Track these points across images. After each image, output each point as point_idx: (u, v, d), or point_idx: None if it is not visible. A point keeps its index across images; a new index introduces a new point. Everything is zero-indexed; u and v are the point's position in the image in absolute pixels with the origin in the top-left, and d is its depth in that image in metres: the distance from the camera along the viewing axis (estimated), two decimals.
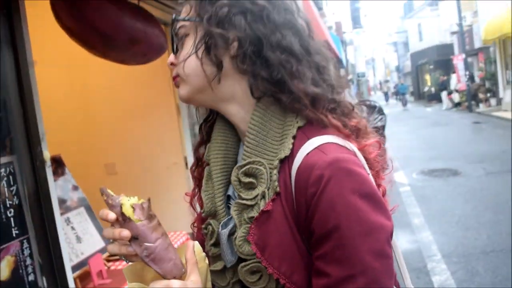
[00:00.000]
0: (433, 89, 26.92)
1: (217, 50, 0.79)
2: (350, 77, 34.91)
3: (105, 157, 3.73)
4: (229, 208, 0.84)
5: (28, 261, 1.78)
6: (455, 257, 4.19)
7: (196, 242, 0.85)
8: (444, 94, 22.53)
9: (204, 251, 0.85)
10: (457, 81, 20.15)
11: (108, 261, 2.60)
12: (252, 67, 0.78)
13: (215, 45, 0.78)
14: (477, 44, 18.55)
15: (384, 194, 0.88)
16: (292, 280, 0.74)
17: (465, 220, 5.16)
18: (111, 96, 3.59)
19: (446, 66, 24.84)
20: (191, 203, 0.96)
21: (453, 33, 22.68)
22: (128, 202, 0.75)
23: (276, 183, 0.75)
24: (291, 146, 0.76)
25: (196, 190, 0.95)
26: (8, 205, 1.72)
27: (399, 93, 29.59)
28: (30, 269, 1.79)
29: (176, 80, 0.85)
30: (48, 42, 2.73)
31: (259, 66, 0.78)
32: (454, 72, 21.92)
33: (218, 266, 0.84)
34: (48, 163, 1.95)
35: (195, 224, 0.96)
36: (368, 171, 0.78)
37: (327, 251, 0.70)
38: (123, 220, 0.74)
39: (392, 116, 20.55)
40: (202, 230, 0.89)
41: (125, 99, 3.61)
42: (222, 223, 0.82)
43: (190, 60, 0.81)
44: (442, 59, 26.25)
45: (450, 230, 4.94)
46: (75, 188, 2.84)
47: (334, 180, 0.70)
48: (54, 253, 1.86)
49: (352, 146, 0.78)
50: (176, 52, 0.85)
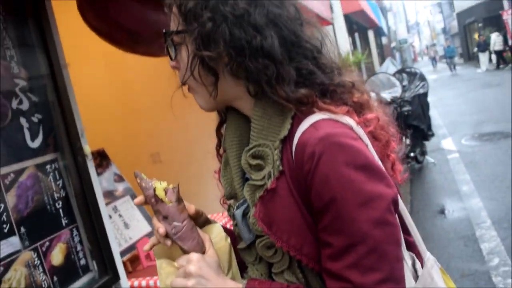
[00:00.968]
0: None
1: (210, 63, 0.82)
2: (393, 45, 33.71)
3: (150, 147, 3.90)
4: None
5: (79, 247, 1.94)
6: (506, 223, 4.05)
7: (218, 224, 0.94)
8: (483, 55, 21.21)
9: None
10: (510, 38, 18.92)
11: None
12: (244, 72, 0.81)
13: (210, 60, 0.82)
14: None
15: (394, 164, 0.90)
16: (303, 252, 0.78)
17: None
18: (151, 88, 3.72)
19: (497, 23, 23.32)
20: (219, 180, 1.01)
21: None
22: (160, 186, 0.86)
23: (278, 162, 0.80)
24: (289, 126, 0.81)
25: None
26: (56, 198, 1.88)
27: (447, 57, 27.51)
28: (81, 254, 1.95)
29: (190, 90, 0.91)
30: (83, 42, 2.88)
31: (247, 71, 0.80)
32: (497, 30, 20.62)
33: (243, 245, 0.90)
34: (90, 157, 2.10)
35: (222, 201, 1.03)
36: (367, 143, 0.80)
37: (327, 223, 0.74)
38: (156, 202, 0.85)
39: (440, 82, 19.74)
40: (227, 213, 0.96)
41: (164, 89, 3.72)
42: (237, 204, 0.89)
43: (194, 75, 0.85)
44: (492, 16, 24.67)
45: (501, 196, 4.77)
46: (121, 179, 3.01)
47: (326, 155, 0.73)
48: (102, 239, 2.02)
49: (349, 120, 0.80)
50: (176, 57, 0.89)
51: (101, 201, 2.08)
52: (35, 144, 1.83)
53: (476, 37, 24.19)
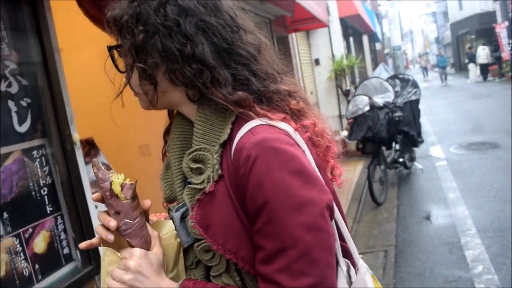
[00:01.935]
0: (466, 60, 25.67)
1: (148, 72, 0.84)
2: (387, 51, 33.93)
3: (139, 139, 3.86)
4: None
5: (63, 236, 1.91)
6: (491, 232, 4.09)
7: (170, 221, 0.93)
8: (472, 66, 21.49)
9: None
10: (501, 50, 19.17)
11: None
12: (181, 79, 0.83)
13: (144, 71, 0.84)
14: None
15: (334, 169, 0.93)
16: (238, 256, 0.79)
17: (503, 194, 5.00)
18: None
19: (489, 35, 23.55)
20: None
21: (496, 0, 21.47)
22: (118, 181, 0.84)
23: (217, 166, 0.81)
24: (229, 131, 0.82)
25: None
26: (42, 184, 1.85)
27: (438, 67, 26.34)
28: (65, 243, 1.92)
29: (136, 96, 0.93)
30: (78, 29, 2.83)
31: (186, 77, 0.82)
32: (484, 44, 20.90)
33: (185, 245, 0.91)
34: (78, 145, 2.07)
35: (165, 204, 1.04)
36: (304, 148, 0.81)
37: (260, 227, 0.75)
38: (110, 196, 0.83)
39: (431, 90, 19.91)
40: (168, 215, 0.96)
41: None
42: (176, 207, 0.89)
43: (133, 81, 0.88)
44: (485, 28, 24.93)
45: (487, 205, 4.82)
46: (109, 169, 2.96)
47: (261, 159, 0.74)
48: (87, 228, 1.99)
49: (286, 126, 0.81)
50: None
51: (88, 190, 2.05)
52: (23, 129, 1.79)
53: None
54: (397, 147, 6.26)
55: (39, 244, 1.78)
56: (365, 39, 18.18)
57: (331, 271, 0.77)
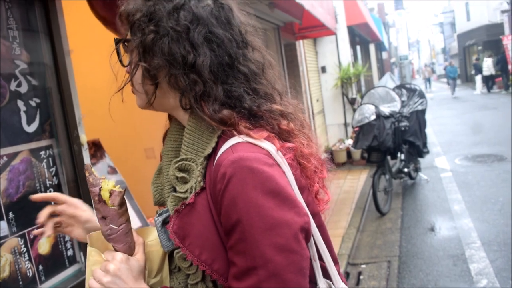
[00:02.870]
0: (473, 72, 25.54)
1: (151, 72, 0.85)
2: (393, 60, 33.92)
3: (145, 142, 3.86)
4: None
5: (67, 238, 1.90)
6: (496, 245, 4.06)
7: (155, 228, 0.94)
8: (478, 78, 21.46)
9: None
10: (508, 63, 19.13)
11: None
12: (178, 86, 0.84)
13: (149, 70, 0.85)
14: None
15: (317, 193, 0.94)
16: (213, 268, 0.80)
17: (508, 208, 4.96)
18: None
19: (496, 47, 23.58)
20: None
21: (504, 12, 21.43)
22: (107, 187, 0.86)
23: (200, 178, 0.82)
24: (214, 145, 0.84)
25: None
26: (48, 185, 1.84)
27: (449, 77, 24.40)
28: (69, 245, 1.91)
29: (133, 92, 0.94)
30: (87, 31, 2.84)
31: (183, 84, 0.84)
32: (490, 56, 20.85)
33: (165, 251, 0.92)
34: (85, 146, 2.06)
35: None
36: (285, 169, 0.81)
37: (233, 244, 0.77)
38: (98, 201, 0.86)
39: (437, 101, 19.84)
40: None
41: None
42: (161, 212, 0.90)
43: (135, 78, 0.89)
44: (492, 40, 24.93)
45: (492, 218, 4.78)
46: (114, 171, 2.96)
47: (236, 178, 0.75)
48: None
49: (268, 146, 0.81)
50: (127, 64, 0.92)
51: None
52: (31, 129, 1.79)
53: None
54: (402, 157, 6.24)
55: (44, 245, 1.78)
56: (372, 48, 18.17)
57: None
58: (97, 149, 2.92)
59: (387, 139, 5.44)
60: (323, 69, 9.40)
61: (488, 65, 20.59)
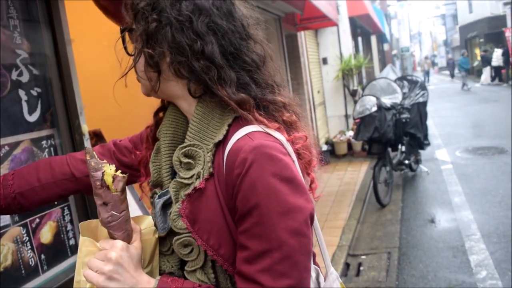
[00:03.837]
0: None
1: (154, 60, 0.87)
2: (394, 52, 33.78)
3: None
4: None
5: (69, 227, 1.91)
6: (495, 237, 4.07)
7: (149, 217, 0.94)
8: (487, 69, 21.36)
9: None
10: (510, 55, 19.06)
11: None
12: (186, 73, 0.85)
13: (151, 57, 0.86)
14: None
15: (313, 182, 0.97)
16: (219, 253, 0.82)
17: (508, 200, 4.97)
18: None
19: (498, 39, 23.45)
20: (140, 162, 1.04)
21: (506, 4, 21.31)
22: (110, 172, 0.84)
23: (210, 164, 0.84)
24: (225, 132, 0.85)
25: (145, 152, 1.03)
26: None
27: (461, 69, 22.27)
28: (71, 234, 1.92)
29: (138, 80, 0.95)
30: (88, 20, 2.83)
31: (191, 72, 0.85)
32: (501, 47, 20.75)
33: (159, 234, 0.92)
34: (86, 136, 2.06)
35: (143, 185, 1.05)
36: (294, 159, 0.85)
37: (248, 227, 0.78)
38: (101, 186, 0.83)
39: (437, 93, 19.80)
40: (149, 199, 0.98)
41: None
42: (160, 194, 0.91)
43: (139, 66, 0.90)
44: (494, 32, 24.79)
45: (492, 210, 4.79)
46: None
47: (257, 164, 0.77)
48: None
49: (280, 136, 0.85)
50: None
51: None
52: (33, 118, 1.79)
53: (478, 52, 23.96)
54: (403, 149, 6.23)
55: (46, 235, 1.78)
56: (374, 40, 18.08)
57: (308, 275, 0.80)
58: (99, 139, 2.92)
59: (388, 131, 5.43)
60: (324, 61, 9.36)
61: (498, 56, 20.49)
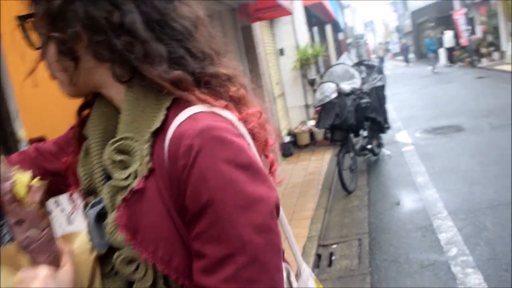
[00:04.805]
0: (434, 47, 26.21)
1: (68, 46, 0.71)
2: (349, 41, 34.36)
3: None
4: None
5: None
6: (462, 214, 4.11)
7: (82, 233, 0.79)
8: (441, 51, 22.10)
9: None
10: (459, 37, 19.74)
11: None
12: (108, 53, 0.70)
13: (63, 43, 0.71)
14: None
15: (273, 165, 0.83)
16: (172, 266, 0.67)
17: (471, 176, 5.06)
18: None
19: (447, 23, 24.19)
20: (68, 169, 0.86)
21: None
22: (23, 181, 0.66)
23: (148, 158, 0.68)
24: (163, 118, 0.70)
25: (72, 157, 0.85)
26: None
27: (428, 51, 21.15)
28: None
29: (53, 78, 0.79)
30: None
31: (113, 52, 0.70)
32: (451, 29, 21.45)
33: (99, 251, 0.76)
34: (24, 143, 1.86)
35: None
36: (249, 141, 0.72)
37: (203, 229, 0.64)
38: (12, 200, 0.65)
39: (393, 77, 20.26)
40: (83, 211, 0.81)
41: None
42: (92, 203, 0.75)
43: (49, 58, 0.74)
44: (443, 16, 25.61)
45: (456, 187, 4.86)
46: None
47: (206, 150, 0.63)
48: None
49: (230, 115, 0.70)
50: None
51: None
52: None
53: (431, 36, 24.56)
54: (365, 134, 6.25)
55: None
56: (328, 29, 18.24)
57: (280, 275, 0.68)
58: None
59: (349, 117, 5.41)
60: (281, 52, 9.30)
61: (449, 38, 21.13)
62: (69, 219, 2.54)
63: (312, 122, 8.24)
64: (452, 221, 3.97)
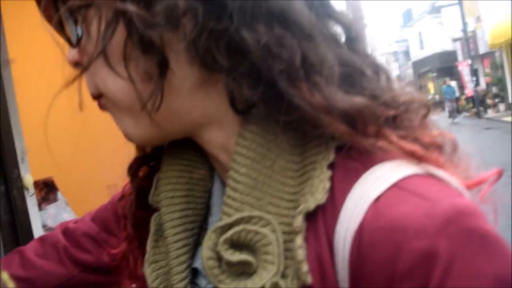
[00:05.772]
0: (437, 97, 26.42)
1: (152, 37, 0.38)
2: None
3: (107, 177, 3.35)
4: None
5: None
6: None
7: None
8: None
9: None
10: (464, 87, 20.01)
11: None
12: (226, 60, 0.39)
13: (146, 25, 0.38)
14: (482, 50, 18.57)
15: None
16: None
17: None
18: None
19: (449, 73, 24.65)
20: (120, 263, 0.56)
21: (455, 40, 22.58)
22: None
23: (304, 265, 0.37)
24: (328, 185, 0.39)
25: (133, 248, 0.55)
26: None
27: (446, 99, 19.08)
28: None
29: (101, 104, 0.47)
30: (29, 38, 2.35)
31: (237, 57, 0.39)
32: (454, 79, 21.69)
33: None
34: (31, 192, 1.54)
35: None
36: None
37: None
38: None
39: None
40: None
41: None
42: None
43: (112, 54, 0.40)
44: (445, 66, 26.14)
45: None
46: (69, 217, 2.45)
47: (461, 261, 0.33)
48: None
49: (455, 181, 0.39)
50: (78, 42, 0.44)
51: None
52: None
53: (431, 86, 24.59)
54: None
55: None
56: None
57: None
58: (50, 191, 2.41)
59: None
60: None
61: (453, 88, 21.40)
62: None
63: None
64: None
